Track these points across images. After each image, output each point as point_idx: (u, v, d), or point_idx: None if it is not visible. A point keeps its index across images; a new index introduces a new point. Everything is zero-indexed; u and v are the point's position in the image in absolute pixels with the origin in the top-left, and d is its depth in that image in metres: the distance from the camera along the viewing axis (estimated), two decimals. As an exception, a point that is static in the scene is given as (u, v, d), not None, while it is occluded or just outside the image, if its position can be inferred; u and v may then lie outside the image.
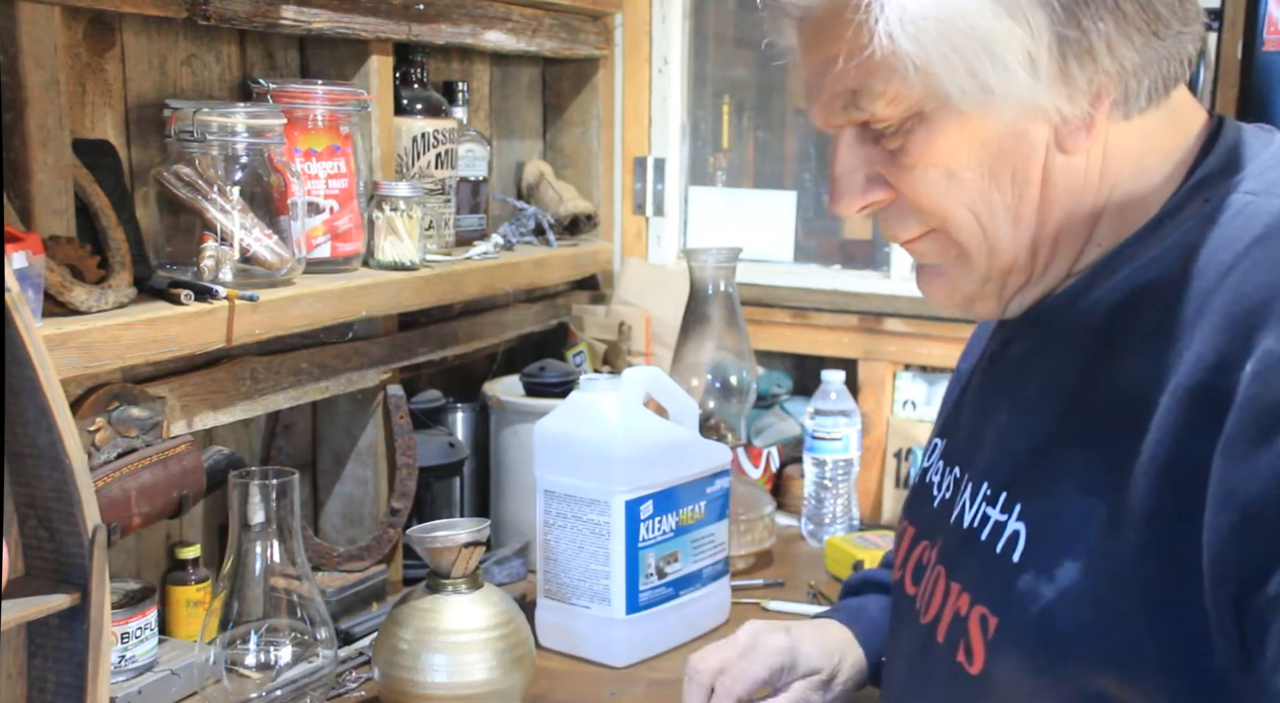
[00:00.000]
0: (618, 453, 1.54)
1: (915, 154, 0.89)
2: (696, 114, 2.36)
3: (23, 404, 1.04)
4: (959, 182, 0.89)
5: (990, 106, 0.85)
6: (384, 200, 1.68)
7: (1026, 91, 0.84)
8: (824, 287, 2.22)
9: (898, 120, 0.89)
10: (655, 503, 1.56)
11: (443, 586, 1.36)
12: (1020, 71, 0.84)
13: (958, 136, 0.87)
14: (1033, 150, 0.88)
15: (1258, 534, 0.75)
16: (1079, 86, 0.85)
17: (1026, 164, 0.88)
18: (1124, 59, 0.85)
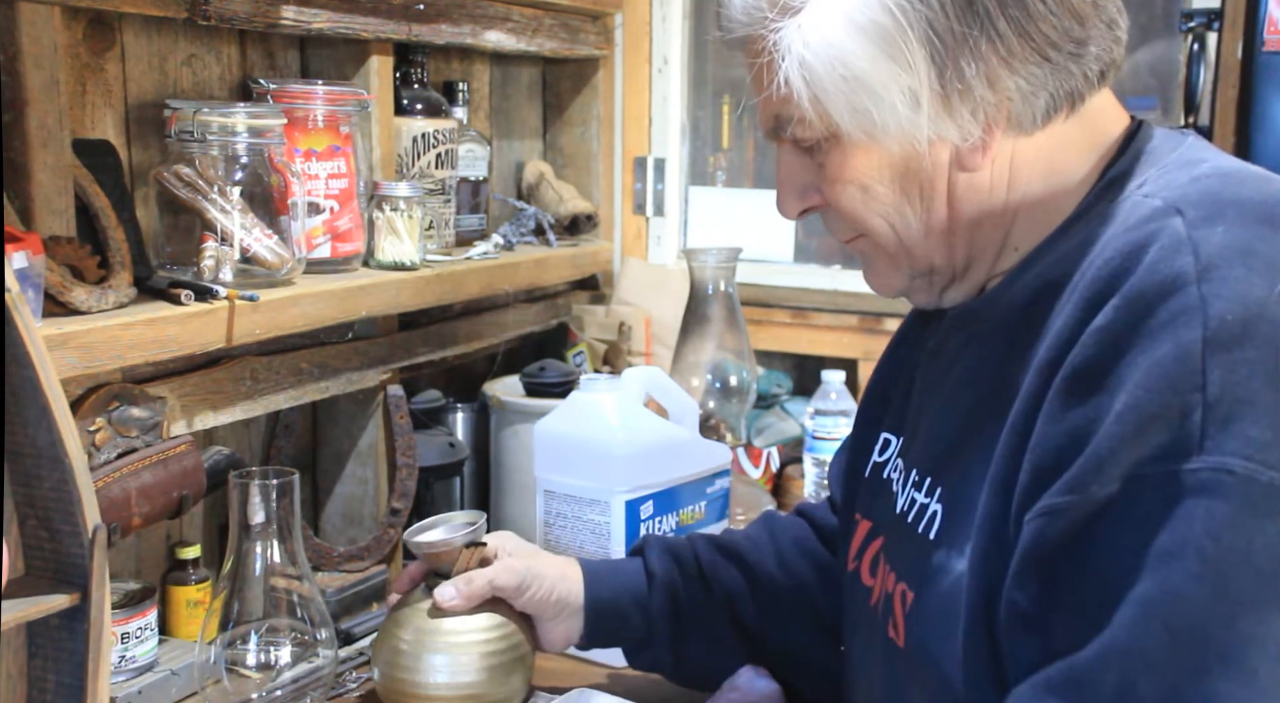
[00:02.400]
0: (618, 453, 1.54)
1: (833, 170, 0.98)
2: (696, 114, 2.36)
3: (23, 404, 1.04)
4: (873, 196, 0.97)
5: (877, 139, 0.93)
6: (384, 200, 1.68)
7: (909, 125, 0.91)
8: (824, 287, 2.22)
9: (815, 141, 0.97)
10: (655, 503, 1.56)
11: (437, 584, 1.34)
12: (901, 108, 0.90)
13: (867, 158, 0.95)
14: (936, 170, 0.95)
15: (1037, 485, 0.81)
16: (964, 116, 0.91)
17: (931, 182, 0.95)
18: (1008, 88, 0.91)
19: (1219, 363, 0.76)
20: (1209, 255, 0.80)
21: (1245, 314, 0.77)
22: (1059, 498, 0.80)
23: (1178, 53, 1.85)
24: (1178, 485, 0.75)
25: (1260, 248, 0.81)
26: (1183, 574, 0.73)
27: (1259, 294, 0.78)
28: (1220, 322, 0.77)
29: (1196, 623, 0.72)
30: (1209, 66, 1.75)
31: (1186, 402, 0.75)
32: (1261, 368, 0.75)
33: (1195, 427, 0.75)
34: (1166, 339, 0.78)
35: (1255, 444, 0.74)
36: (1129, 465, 0.76)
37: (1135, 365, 0.78)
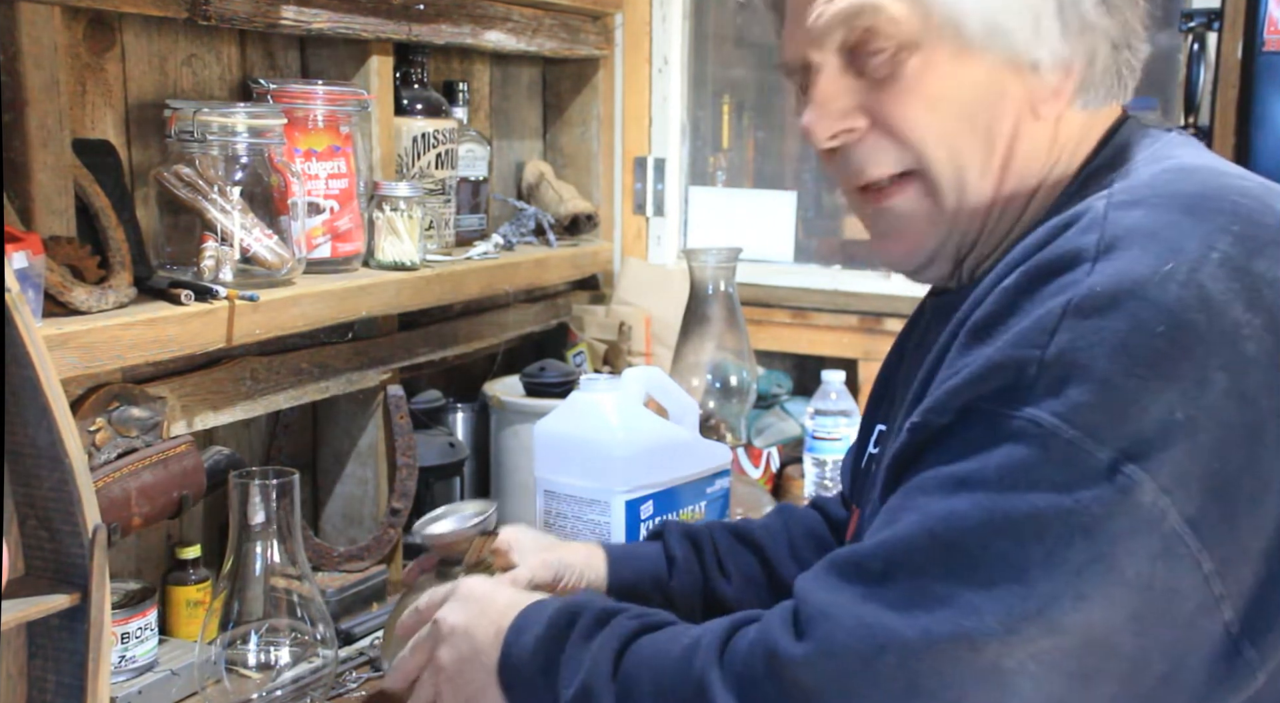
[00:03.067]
0: (618, 453, 1.54)
1: (905, 82, 0.93)
2: (696, 114, 2.36)
3: (23, 404, 1.04)
4: (941, 117, 0.93)
5: (988, 48, 0.91)
6: (384, 200, 1.68)
7: (1025, 42, 0.91)
8: (824, 287, 2.22)
9: (894, 45, 0.93)
10: (655, 503, 1.56)
11: (454, 575, 1.30)
12: (1026, 20, 0.91)
13: (947, 73, 0.92)
14: (1009, 107, 0.93)
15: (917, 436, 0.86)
16: (1061, 55, 0.92)
17: (1000, 118, 0.93)
18: (1099, 49, 0.93)
19: (1069, 327, 0.78)
20: (1113, 236, 0.81)
21: (1117, 289, 0.78)
22: (915, 418, 0.86)
23: (1178, 53, 1.85)
24: (995, 427, 0.79)
25: (1166, 233, 0.80)
26: (966, 499, 0.79)
27: (1141, 273, 0.78)
28: (1090, 291, 0.78)
29: (957, 537, 0.78)
30: (1209, 66, 1.75)
31: (1028, 356, 0.79)
32: (1110, 339, 0.77)
33: (1028, 380, 0.79)
34: (1042, 303, 0.81)
35: (1071, 405, 0.77)
36: (965, 401, 0.82)
37: (1011, 327, 0.81)
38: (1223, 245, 0.79)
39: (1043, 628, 0.75)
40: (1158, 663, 0.77)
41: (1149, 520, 0.75)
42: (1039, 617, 0.75)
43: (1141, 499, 0.75)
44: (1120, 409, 0.76)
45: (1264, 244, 0.80)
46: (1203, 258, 0.78)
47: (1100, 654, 0.76)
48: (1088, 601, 0.75)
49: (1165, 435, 0.75)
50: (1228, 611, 0.77)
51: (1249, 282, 0.78)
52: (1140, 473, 0.75)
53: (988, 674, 0.76)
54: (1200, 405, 0.76)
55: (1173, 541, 0.75)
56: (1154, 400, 0.76)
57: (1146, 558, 0.75)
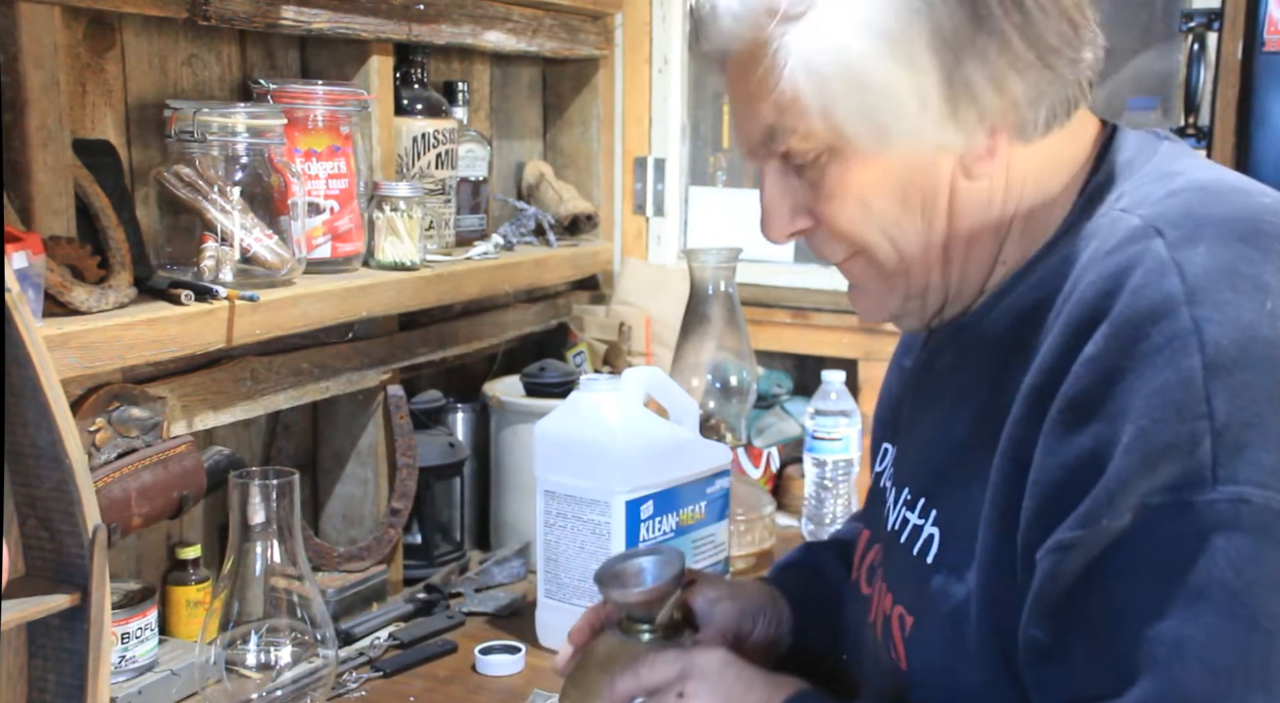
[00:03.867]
0: (618, 453, 1.54)
1: (830, 186, 0.94)
2: (696, 114, 2.36)
3: (23, 404, 1.04)
4: (872, 210, 0.94)
5: (885, 146, 0.91)
6: (384, 200, 1.68)
7: (919, 130, 0.90)
8: (824, 287, 2.22)
9: (812, 155, 0.94)
10: (655, 503, 1.56)
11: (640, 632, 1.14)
12: (912, 113, 0.89)
13: (868, 170, 0.93)
14: (939, 179, 0.93)
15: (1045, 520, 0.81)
16: (971, 121, 0.90)
17: (934, 192, 0.93)
18: (1015, 93, 0.90)
19: (1222, 388, 0.75)
20: (1194, 277, 0.80)
21: (1240, 337, 0.77)
22: (1070, 533, 0.79)
23: (1178, 53, 1.85)
24: (1194, 517, 0.74)
25: (1244, 268, 0.80)
26: (1213, 612, 0.73)
27: (1250, 316, 0.78)
28: (1216, 346, 0.77)
29: (1235, 660, 0.72)
30: (1209, 66, 1.75)
31: (1195, 430, 0.75)
32: (1263, 391, 0.76)
33: (1206, 455, 0.74)
34: (1164, 365, 0.77)
35: (1268, 471, 0.73)
36: (1140, 496, 0.76)
37: (1135, 393, 0.78)
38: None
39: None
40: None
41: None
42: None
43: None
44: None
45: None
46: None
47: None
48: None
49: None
50: None
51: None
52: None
53: None
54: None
55: None
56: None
57: None
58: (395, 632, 1.63)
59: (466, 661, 1.57)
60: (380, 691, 1.49)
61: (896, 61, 0.88)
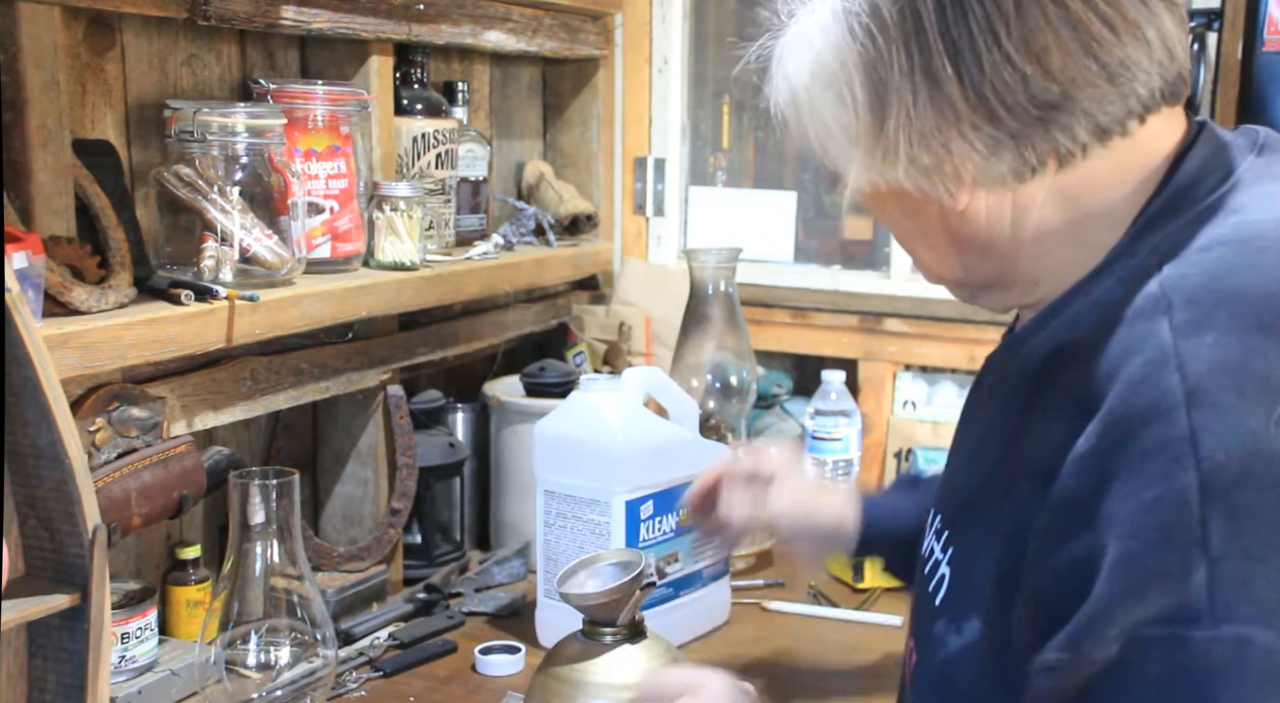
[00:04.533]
0: (618, 453, 1.54)
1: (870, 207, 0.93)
2: (696, 114, 2.36)
3: (23, 404, 1.04)
4: (888, 223, 0.95)
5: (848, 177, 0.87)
6: (384, 200, 1.68)
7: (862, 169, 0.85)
8: (824, 287, 2.22)
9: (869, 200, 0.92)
10: (655, 503, 1.56)
11: (603, 635, 1.20)
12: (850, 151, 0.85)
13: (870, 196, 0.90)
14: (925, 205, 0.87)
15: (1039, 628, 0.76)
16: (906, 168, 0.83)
17: (923, 215, 0.88)
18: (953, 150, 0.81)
19: (1218, 512, 0.69)
20: (1197, 375, 0.72)
21: (1241, 452, 0.70)
22: (1055, 654, 0.74)
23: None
24: (1191, 654, 0.68)
25: (1255, 364, 0.72)
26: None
27: (1253, 425, 0.70)
28: (1213, 462, 0.69)
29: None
30: (1209, 66, 1.75)
31: (1188, 558, 0.69)
32: (1265, 516, 0.69)
33: (1201, 587, 0.68)
34: (1156, 477, 0.71)
35: (1270, 609, 0.67)
36: (1129, 626, 0.70)
37: (1123, 503, 0.72)
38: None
39: None
40: None
41: None
42: None
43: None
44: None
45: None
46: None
47: None
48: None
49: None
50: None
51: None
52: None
53: None
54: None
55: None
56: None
57: None
58: (395, 632, 1.63)
59: (466, 661, 1.57)
60: (380, 691, 1.49)
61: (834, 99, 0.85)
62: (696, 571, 1.63)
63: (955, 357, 2.08)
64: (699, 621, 1.64)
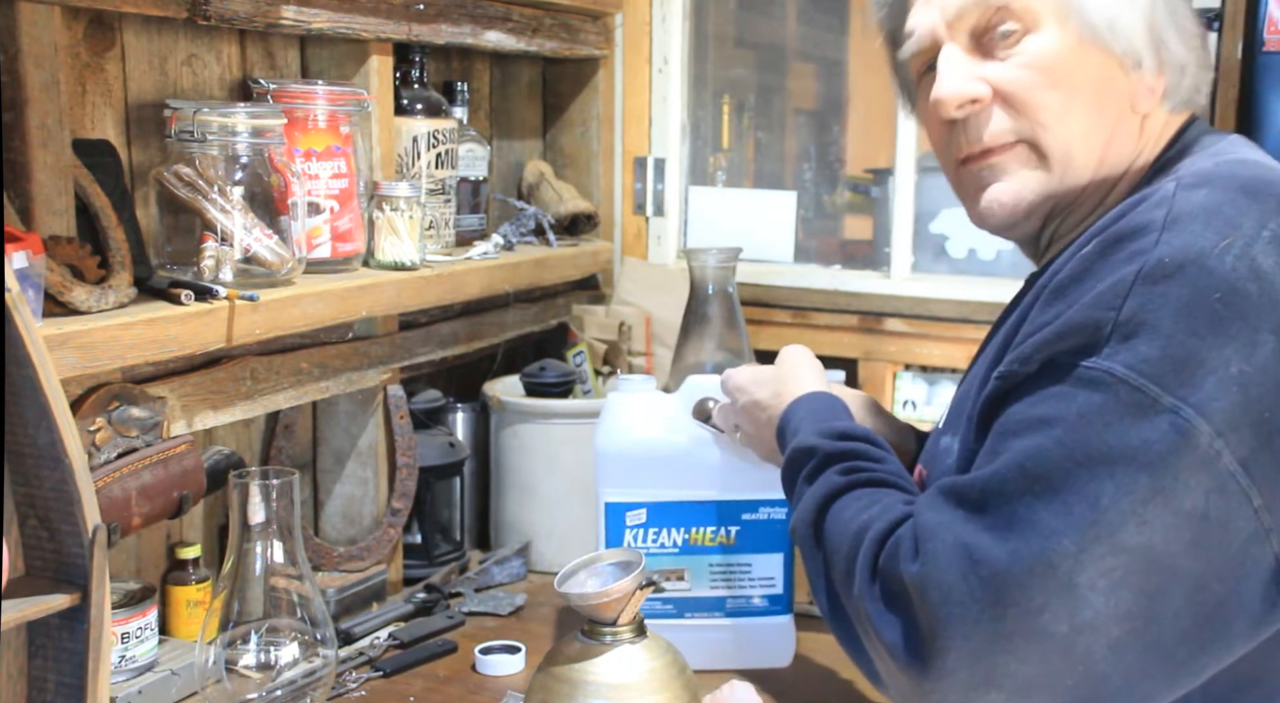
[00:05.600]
0: (604, 449, 1.50)
1: (1030, 60, 1.05)
2: (696, 114, 2.36)
3: (23, 404, 1.04)
4: (1058, 96, 1.05)
5: (1106, 42, 1.04)
6: (384, 200, 1.68)
7: (1138, 42, 1.05)
8: (824, 287, 2.22)
9: (1022, 27, 1.05)
10: (650, 512, 1.50)
11: (604, 635, 1.20)
12: (1140, 26, 1.05)
13: (1069, 55, 1.05)
14: (1114, 97, 1.06)
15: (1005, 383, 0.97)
16: (1160, 59, 1.06)
17: (1106, 106, 1.06)
18: (1188, 63, 1.07)
19: (1140, 292, 0.89)
20: (1180, 210, 0.92)
21: (1182, 259, 0.89)
22: (1003, 367, 0.97)
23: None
24: (1074, 376, 0.90)
25: (1227, 210, 0.91)
26: (1049, 438, 0.90)
27: (1203, 245, 0.89)
28: (1157, 262, 0.89)
29: (1042, 471, 0.89)
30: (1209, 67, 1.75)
31: (1103, 317, 0.90)
32: (1175, 303, 0.88)
33: (1104, 337, 0.90)
34: (1116, 271, 0.91)
35: (1140, 358, 0.88)
36: (1049, 354, 0.93)
37: (1089, 289, 0.92)
38: (1274, 224, 0.90)
39: (1110, 548, 0.86)
40: (1215, 585, 0.87)
41: (1205, 460, 0.86)
42: (1108, 538, 0.86)
43: (1198, 441, 0.86)
44: (1181, 362, 0.87)
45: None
46: (1255, 235, 0.89)
47: (1163, 575, 0.86)
48: (1149, 526, 0.86)
49: (1221, 387, 0.86)
50: (1276, 542, 0.87)
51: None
52: (1197, 418, 0.86)
53: (1064, 589, 0.86)
54: (1252, 362, 0.87)
55: (1226, 478, 0.86)
56: (1210, 356, 0.87)
57: (1202, 492, 0.86)
58: (395, 632, 1.63)
59: (466, 661, 1.57)
60: (380, 691, 1.49)
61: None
62: (713, 596, 1.53)
63: (955, 357, 2.08)
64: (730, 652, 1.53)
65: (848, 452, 1.14)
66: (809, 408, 1.26)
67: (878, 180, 2.31)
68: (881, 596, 0.96)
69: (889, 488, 1.08)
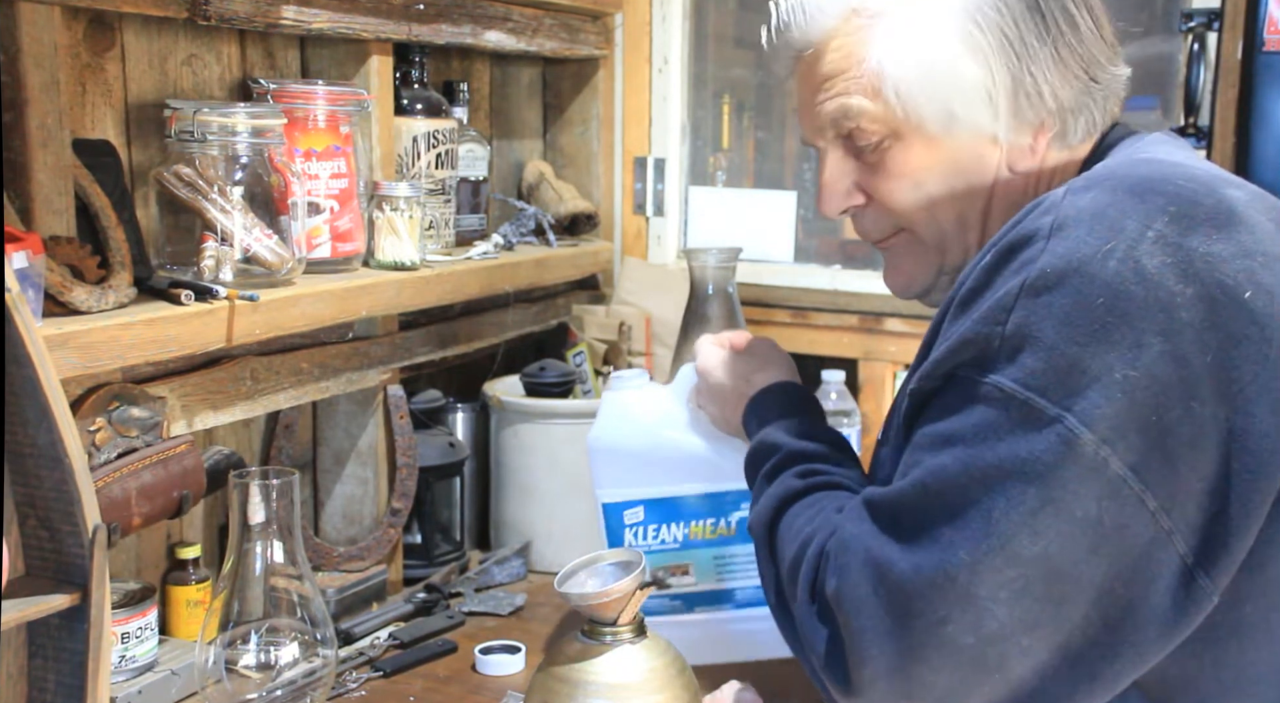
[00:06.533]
0: (594, 449, 1.45)
1: (890, 167, 1.10)
2: (696, 114, 2.36)
3: (23, 404, 1.04)
4: (924, 191, 1.10)
5: (953, 133, 1.07)
6: (384, 200, 1.68)
7: (984, 123, 1.06)
8: (824, 287, 2.22)
9: (876, 138, 1.09)
10: (648, 510, 1.45)
11: (605, 635, 1.19)
12: (981, 107, 1.06)
13: (927, 153, 1.09)
14: (986, 169, 1.09)
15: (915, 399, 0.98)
16: (1025, 121, 1.07)
17: (980, 180, 1.09)
18: (1064, 100, 1.06)
19: (1023, 305, 0.90)
20: (1064, 217, 0.92)
21: (1064, 267, 0.89)
22: (912, 384, 0.99)
23: (1178, 53, 1.85)
24: (970, 392, 0.92)
25: (1110, 213, 0.91)
26: (949, 455, 0.91)
27: (1085, 252, 0.89)
28: (1040, 272, 0.90)
29: (942, 487, 0.91)
30: (1209, 66, 1.75)
31: (991, 332, 0.91)
32: (1058, 313, 0.88)
33: (993, 351, 0.91)
34: (1006, 283, 0.92)
35: (1026, 371, 0.89)
36: (948, 369, 0.94)
37: (985, 302, 0.93)
38: (1159, 224, 0.89)
39: (1005, 559, 0.87)
40: (1120, 590, 0.88)
41: (1092, 467, 0.86)
42: (1001, 551, 0.87)
43: (1084, 450, 0.86)
44: (1064, 373, 0.88)
45: (1199, 222, 0.90)
46: (1140, 236, 0.89)
47: (1065, 582, 0.87)
48: (1042, 536, 0.87)
49: (1105, 394, 0.86)
50: (1180, 543, 0.87)
51: (1182, 256, 0.88)
52: (1080, 427, 0.87)
53: (964, 600, 0.88)
54: (1137, 366, 0.86)
55: (1117, 484, 0.86)
56: (1094, 363, 0.87)
57: (1093, 499, 0.87)
58: (395, 632, 1.63)
59: (466, 661, 1.57)
60: (380, 691, 1.49)
61: (970, 60, 1.05)
62: (723, 589, 1.46)
63: (955, 357, 2.08)
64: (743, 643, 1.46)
65: (809, 453, 1.16)
66: (778, 399, 1.28)
67: (878, 180, 2.30)
68: (816, 611, 0.99)
69: (844, 492, 1.10)
